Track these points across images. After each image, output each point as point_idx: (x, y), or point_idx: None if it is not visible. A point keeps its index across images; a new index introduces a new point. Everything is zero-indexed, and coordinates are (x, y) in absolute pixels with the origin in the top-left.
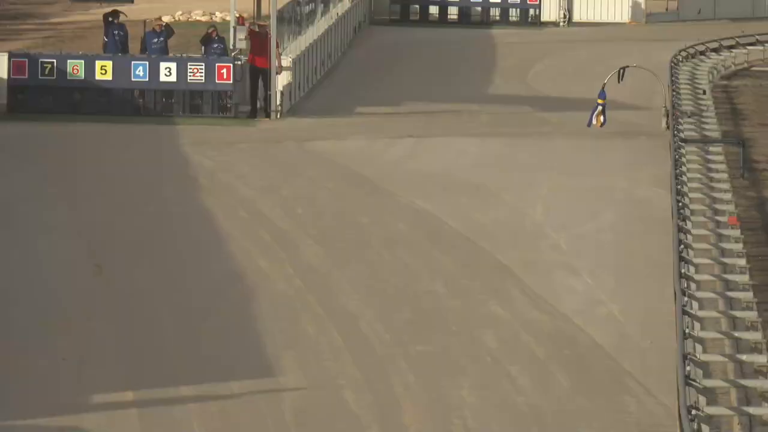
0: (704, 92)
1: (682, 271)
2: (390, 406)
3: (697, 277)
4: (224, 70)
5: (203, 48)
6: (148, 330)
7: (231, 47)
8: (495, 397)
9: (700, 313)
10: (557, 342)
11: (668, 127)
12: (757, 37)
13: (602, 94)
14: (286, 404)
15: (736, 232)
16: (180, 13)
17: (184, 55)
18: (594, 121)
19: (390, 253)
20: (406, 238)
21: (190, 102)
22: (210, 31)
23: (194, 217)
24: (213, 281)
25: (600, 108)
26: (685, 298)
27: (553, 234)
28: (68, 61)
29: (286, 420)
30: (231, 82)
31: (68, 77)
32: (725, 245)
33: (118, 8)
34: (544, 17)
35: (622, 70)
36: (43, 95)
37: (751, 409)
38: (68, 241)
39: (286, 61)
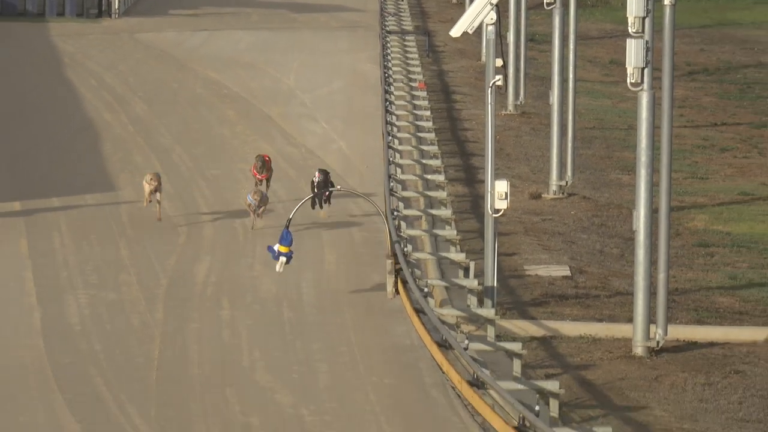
0: None
1: (388, 119)
2: (193, 209)
3: (397, 123)
4: None
5: None
6: (28, 160)
7: None
8: None
9: (400, 147)
10: (304, 168)
11: (396, 293)
12: None
13: (286, 238)
14: (123, 210)
15: (424, 93)
16: None
17: None
18: (278, 266)
19: (193, 108)
20: (203, 98)
21: (57, 7)
22: None
23: (58, 83)
24: (71, 128)
25: (283, 259)
26: (390, 137)
27: (300, 95)
28: None
29: (123, 221)
30: None
31: None
32: (416, 102)
33: None
34: None
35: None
36: None
37: (433, 211)
38: None
39: None
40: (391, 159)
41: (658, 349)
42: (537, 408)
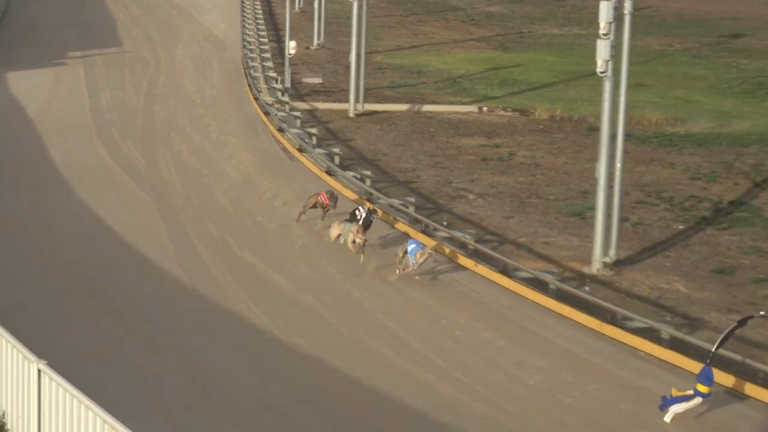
0: None
1: (243, 14)
2: (156, 57)
3: (247, 17)
4: None
5: None
6: (84, 33)
7: None
8: (219, 57)
9: (248, 26)
10: (213, 39)
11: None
12: None
13: (710, 377)
14: (126, 56)
15: (259, 4)
16: None
17: None
18: (669, 415)
19: (162, 11)
20: (164, 7)
21: None
22: None
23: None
24: (102, 20)
25: (699, 399)
26: (244, 22)
27: (204, 3)
28: None
29: (125, 60)
30: None
31: None
32: (256, 8)
33: None
34: None
35: (742, 323)
36: None
37: (262, 54)
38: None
39: None
40: (243, 32)
41: (360, 114)
42: (307, 140)
